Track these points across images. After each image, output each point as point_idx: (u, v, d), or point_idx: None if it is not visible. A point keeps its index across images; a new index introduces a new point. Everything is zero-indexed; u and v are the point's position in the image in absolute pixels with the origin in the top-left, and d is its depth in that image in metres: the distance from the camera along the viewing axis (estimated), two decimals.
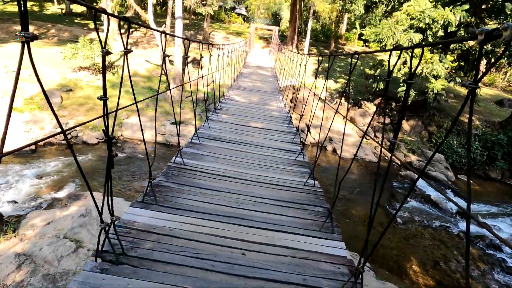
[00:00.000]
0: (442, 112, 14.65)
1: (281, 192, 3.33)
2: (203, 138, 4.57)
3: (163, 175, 3.32)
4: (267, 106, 7.68)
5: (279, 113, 7.14)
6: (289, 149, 4.83)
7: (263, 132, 5.45)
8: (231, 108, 6.83)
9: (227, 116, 6.05)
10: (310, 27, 21.05)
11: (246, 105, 7.39)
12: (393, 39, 10.71)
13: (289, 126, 6.04)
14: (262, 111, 7.02)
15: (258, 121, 6.07)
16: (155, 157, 2.93)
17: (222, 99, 7.49)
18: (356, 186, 10.04)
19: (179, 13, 13.46)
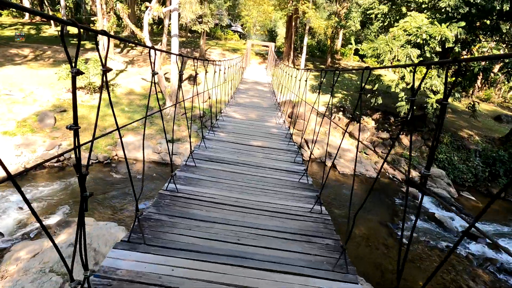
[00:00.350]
0: (442, 127, 14.51)
1: (285, 221, 3.05)
2: (199, 160, 4.32)
3: (153, 205, 3.03)
4: (266, 123, 7.51)
5: (278, 130, 6.96)
6: (291, 169, 4.58)
7: (263, 151, 5.22)
8: (228, 125, 6.63)
9: (224, 135, 5.83)
10: (306, 43, 21.18)
11: (244, 122, 7.21)
12: (391, 54, 10.65)
13: (289, 144, 5.82)
14: (261, 128, 6.84)
15: (257, 139, 5.86)
16: (141, 190, 2.64)
17: (219, 116, 7.29)
18: (357, 203, 9.74)
19: (175, 31, 13.44)
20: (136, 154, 10.83)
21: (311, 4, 19.00)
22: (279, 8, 21.43)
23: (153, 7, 12.01)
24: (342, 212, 9.10)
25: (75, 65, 1.32)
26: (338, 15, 20.59)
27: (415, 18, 10.65)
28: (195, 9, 13.39)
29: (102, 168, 9.97)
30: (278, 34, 40.04)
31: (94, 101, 13.74)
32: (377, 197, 10.38)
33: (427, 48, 10.46)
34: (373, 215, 9.07)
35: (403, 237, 1.66)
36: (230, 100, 9.85)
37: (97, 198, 8.12)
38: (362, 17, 12.68)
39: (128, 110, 13.48)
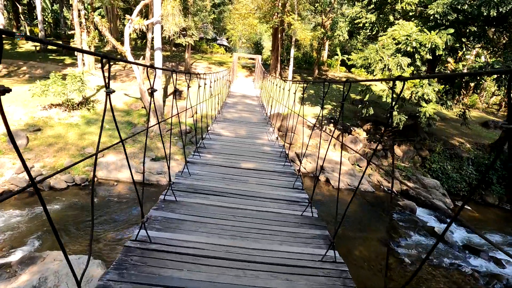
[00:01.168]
0: (433, 136, 14.32)
1: (291, 278, 2.37)
2: (180, 192, 3.68)
3: (115, 268, 2.27)
4: (257, 140, 6.95)
5: (271, 147, 6.41)
6: (292, 198, 3.98)
7: (257, 175, 4.60)
8: (216, 145, 6.03)
9: (211, 156, 5.21)
10: (293, 55, 21.00)
11: (233, 140, 6.61)
12: (381, 63, 10.39)
13: (285, 165, 5.22)
14: (252, 147, 6.26)
15: (249, 159, 5.27)
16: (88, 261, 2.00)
17: (205, 134, 6.69)
18: (355, 221, 9.23)
19: (158, 44, 12.94)
20: (118, 174, 10.11)
21: (297, 16, 18.88)
22: (264, 20, 21.26)
23: (134, 19, 11.49)
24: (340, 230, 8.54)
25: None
26: (323, 26, 20.56)
27: (403, 26, 10.46)
28: (178, 22, 12.94)
29: (79, 191, 9.20)
30: (264, 47, 40.09)
31: (72, 118, 12.99)
32: (375, 213, 9.91)
33: (417, 56, 10.24)
34: (372, 233, 8.56)
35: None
36: (217, 115, 9.29)
37: (70, 226, 7.36)
38: (350, 27, 12.49)
39: (109, 128, 12.76)
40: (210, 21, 20.76)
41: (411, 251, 7.81)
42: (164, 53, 27.13)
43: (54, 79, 12.56)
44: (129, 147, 11.60)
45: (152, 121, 13.12)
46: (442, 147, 13.55)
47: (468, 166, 13.05)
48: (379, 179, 12.46)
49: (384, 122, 15.34)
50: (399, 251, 7.78)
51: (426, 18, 10.39)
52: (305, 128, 14.50)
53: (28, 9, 27.33)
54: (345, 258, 7.25)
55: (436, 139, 14.18)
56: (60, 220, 7.62)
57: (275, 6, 19.04)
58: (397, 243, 8.17)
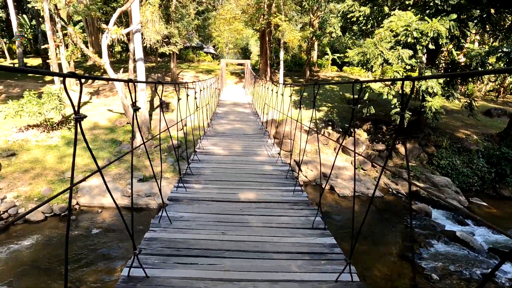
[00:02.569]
0: (437, 131, 13.59)
1: None
2: (155, 259, 2.56)
3: None
4: (256, 157, 5.90)
5: (273, 166, 5.33)
6: (315, 245, 2.84)
7: (261, 211, 3.46)
8: (206, 169, 4.96)
9: (200, 187, 4.13)
10: (282, 58, 20.26)
11: (227, 160, 5.56)
12: (380, 58, 9.63)
13: (296, 191, 4.05)
14: (251, 167, 5.21)
15: (249, 187, 4.19)
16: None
17: (192, 155, 5.59)
18: (367, 232, 8.35)
19: (139, 54, 12.05)
20: (102, 200, 9.11)
21: (284, 17, 18.17)
22: (250, 24, 20.53)
23: (111, 29, 10.59)
24: None
25: None
26: (312, 26, 19.89)
27: (400, 16, 9.74)
28: (159, 29, 12.08)
29: (58, 222, 8.18)
30: (251, 52, 39.44)
31: (52, 140, 11.97)
32: (387, 221, 9.05)
33: (419, 47, 9.52)
34: (389, 246, 7.68)
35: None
36: (207, 129, 8.22)
37: (45, 266, 6.35)
38: (342, 22, 11.75)
39: (92, 148, 11.76)
40: (194, 27, 19.94)
41: (437, 264, 6.94)
42: (149, 64, 26.23)
43: (28, 98, 11.57)
44: (114, 167, 10.62)
45: (138, 138, 12.15)
46: (448, 142, 12.82)
47: (478, 159, 12.31)
48: (386, 182, 11.64)
49: (385, 120, 14.59)
50: (423, 264, 6.91)
51: (424, 5, 9.69)
52: (303, 134, 13.68)
53: (6, 25, 26.27)
54: (362, 279, 6.37)
55: (441, 134, 13.45)
56: (35, 260, 6.61)
57: (260, 8, 18.32)
58: (418, 255, 7.30)
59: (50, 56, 12.45)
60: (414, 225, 8.87)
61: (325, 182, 10.54)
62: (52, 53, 12.35)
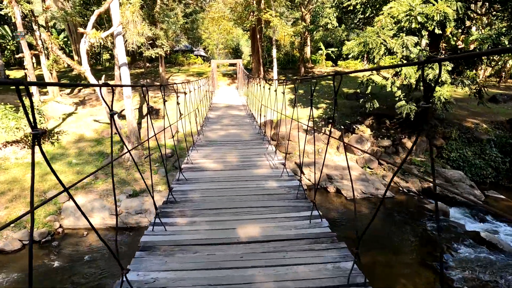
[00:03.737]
0: (444, 121, 12.85)
1: None
2: None
3: None
4: (256, 170, 4.88)
5: (278, 181, 4.29)
6: None
7: (270, 259, 2.45)
8: (193, 193, 3.89)
9: (185, 222, 3.07)
10: (275, 55, 19.47)
11: (220, 178, 4.49)
12: (383, 47, 8.85)
13: (313, 219, 3.02)
14: (250, 185, 4.15)
15: (250, 216, 3.16)
16: None
17: (178, 174, 4.55)
18: (382, 239, 7.55)
19: (123, 59, 11.19)
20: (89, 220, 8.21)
21: (274, 12, 17.38)
22: (240, 22, 19.73)
23: (89, 33, 9.73)
24: (367, 254, 6.86)
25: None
26: (304, 20, 19.12)
27: (401, 1, 8.97)
28: (142, 30, 11.22)
29: (39, 250, 7.29)
30: (243, 52, 38.65)
31: None
32: (403, 224, 8.26)
33: (424, 33, 8.76)
34: (408, 254, 6.89)
35: None
36: (197, 138, 7.12)
37: None
38: (338, 12, 10.97)
39: (77, 163, 10.88)
40: (183, 30, 19.09)
41: (467, 273, 6.15)
42: (138, 70, 25.34)
43: (4, 112, 10.66)
44: (101, 183, 9.75)
45: (126, 149, 11.28)
46: (457, 132, 12.08)
47: (490, 149, 11.59)
48: (395, 180, 10.87)
49: (388, 114, 13.84)
50: (451, 275, 6.12)
51: None
52: (301, 134, 12.87)
53: None
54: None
55: (448, 125, 12.71)
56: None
57: (249, 4, 17.51)
58: (444, 263, 6.51)
59: (26, 66, 11.53)
60: (432, 227, 8.09)
61: (301, 159, 9.80)
62: (28, 63, 11.43)
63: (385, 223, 8.36)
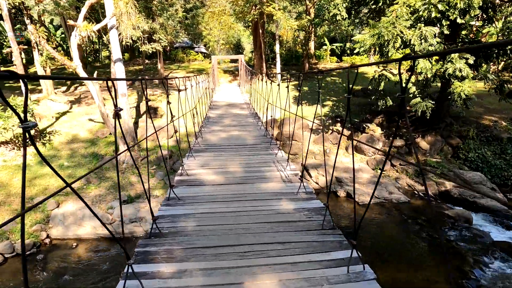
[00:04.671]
0: (459, 119, 12.07)
1: None
2: None
3: None
4: (265, 184, 3.94)
5: (294, 201, 3.39)
6: None
7: None
8: (187, 219, 3.01)
9: (172, 271, 2.23)
10: (279, 51, 18.67)
11: (221, 196, 3.58)
12: (400, 40, 8.08)
13: (352, 269, 2.13)
14: (260, 206, 3.28)
15: (264, 261, 2.32)
16: None
17: (169, 191, 3.63)
18: (401, 250, 6.83)
19: (117, 54, 10.47)
20: (78, 231, 7.56)
21: (277, 5, 16.57)
22: (241, 16, 18.91)
23: (80, 25, 9.00)
24: (385, 269, 6.14)
25: None
26: (308, 13, 18.30)
27: None
28: (137, 22, 10.46)
29: (20, 265, 6.58)
30: (244, 48, 37.84)
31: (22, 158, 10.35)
32: (421, 232, 7.52)
33: (445, 23, 7.98)
34: (432, 269, 6.15)
35: None
36: (195, 142, 6.18)
37: None
38: (348, 1, 10.17)
39: (69, 165, 10.19)
40: (183, 26, 18.30)
41: None
42: (137, 67, 24.61)
43: None
44: (94, 187, 9.05)
45: (121, 149, 10.57)
46: (475, 131, 11.30)
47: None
48: (409, 183, 10.12)
49: (398, 111, 13.07)
50: None
51: None
52: (307, 133, 12.13)
53: None
54: None
55: (464, 122, 11.94)
56: None
57: None
58: (475, 281, 5.78)
59: (14, 62, 10.81)
60: (455, 237, 7.36)
61: (305, 160, 9.08)
62: (17, 58, 10.70)
63: (402, 233, 7.63)
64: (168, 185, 3.65)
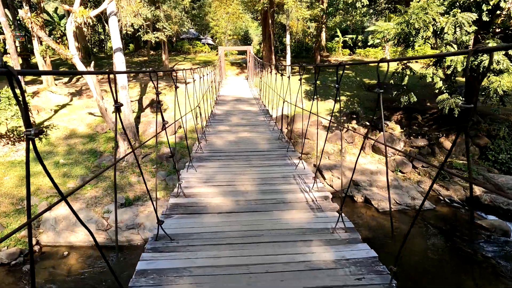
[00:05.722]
0: (487, 117, 11.09)
1: None
2: None
3: None
4: (287, 213, 3.07)
5: (331, 245, 2.53)
6: None
7: None
8: (181, 280, 2.14)
9: None
10: (289, 42, 17.69)
11: (230, 238, 2.67)
12: (432, 27, 7.14)
13: None
14: (286, 257, 2.33)
15: None
16: None
17: (159, 227, 2.68)
18: (430, 268, 6.01)
19: (117, 43, 9.70)
20: (71, 237, 6.89)
21: None
22: (251, 4, 17.94)
23: (75, 11, 8.21)
24: None
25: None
26: (322, 2, 17.25)
27: None
28: (137, 8, 9.64)
29: (5, 276, 5.94)
30: (252, 40, 36.78)
31: (16, 154, 9.76)
32: (453, 247, 6.67)
33: (485, 7, 7.01)
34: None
35: None
36: (197, 148, 5.23)
37: None
38: None
39: (65, 163, 9.51)
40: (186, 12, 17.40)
41: None
42: (141, 58, 23.85)
43: None
44: (90, 188, 8.36)
45: (121, 147, 9.86)
46: (506, 130, 10.32)
47: None
48: (434, 187, 9.23)
49: (418, 108, 12.10)
50: None
51: None
52: (319, 130, 11.28)
53: None
54: None
55: (492, 121, 10.95)
56: None
57: None
58: None
59: (8, 50, 10.10)
60: (493, 252, 6.51)
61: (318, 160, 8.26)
62: (10, 46, 9.98)
63: (431, 246, 6.80)
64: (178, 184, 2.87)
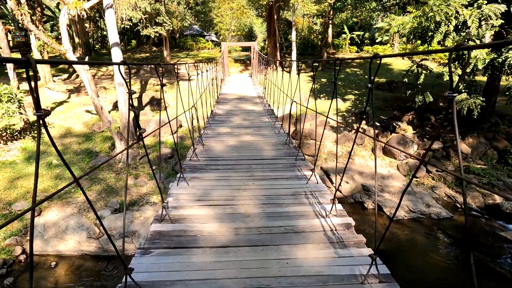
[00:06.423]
0: (506, 118, 10.46)
1: None
2: None
3: None
4: (301, 250, 2.33)
5: (356, 283, 1.93)
6: None
7: None
8: None
9: None
10: (295, 38, 17.07)
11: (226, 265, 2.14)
12: (455, 21, 6.52)
13: None
14: None
15: None
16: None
17: (128, 275, 1.90)
18: (440, 278, 5.44)
19: (114, 37, 9.17)
20: (60, 246, 6.40)
21: None
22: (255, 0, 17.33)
23: (69, 3, 7.68)
24: None
25: None
26: None
27: None
28: (134, 1, 9.08)
29: None
30: (257, 37, 36.17)
31: (9, 153, 9.30)
32: (474, 263, 6.08)
33: None
34: None
35: None
36: (192, 154, 4.55)
37: None
38: None
39: (58, 164, 9.02)
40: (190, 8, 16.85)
41: None
42: (143, 54, 23.35)
43: None
44: (84, 190, 7.83)
45: (118, 147, 9.36)
46: None
47: None
48: (449, 193, 8.64)
49: (431, 107, 11.47)
50: None
51: None
52: (327, 131, 10.71)
53: None
54: None
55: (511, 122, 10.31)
56: None
57: None
58: None
59: (0, 45, 9.60)
60: None
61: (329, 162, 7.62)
62: (1, 40, 9.48)
63: (447, 259, 6.22)
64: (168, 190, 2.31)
